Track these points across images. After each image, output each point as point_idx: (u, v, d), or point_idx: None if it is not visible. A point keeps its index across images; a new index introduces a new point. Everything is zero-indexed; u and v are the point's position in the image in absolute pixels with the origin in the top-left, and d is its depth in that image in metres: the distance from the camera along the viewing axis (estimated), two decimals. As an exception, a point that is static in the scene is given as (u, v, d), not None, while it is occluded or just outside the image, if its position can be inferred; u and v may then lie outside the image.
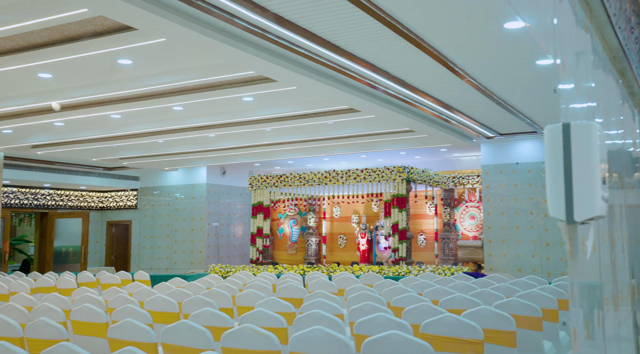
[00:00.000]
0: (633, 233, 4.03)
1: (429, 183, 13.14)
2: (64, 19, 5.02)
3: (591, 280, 2.33)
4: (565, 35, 2.10)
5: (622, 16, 3.06)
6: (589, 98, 2.50)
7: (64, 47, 5.70)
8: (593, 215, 1.98)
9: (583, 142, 2.00)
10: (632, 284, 3.42)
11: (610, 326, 2.66)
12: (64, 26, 5.27)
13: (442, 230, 14.42)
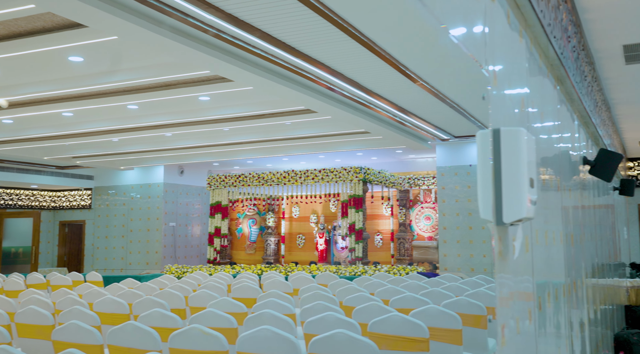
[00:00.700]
0: (579, 233, 4.20)
1: (385, 184, 13.31)
2: (10, 14, 4.91)
3: (523, 278, 2.43)
4: (497, 43, 2.19)
5: (558, 26, 3.19)
6: (523, 104, 2.60)
7: (11, 43, 5.56)
8: (521, 217, 2.07)
9: (512, 146, 2.08)
10: (567, 282, 3.56)
11: (543, 323, 2.77)
12: (11, 22, 5.15)
13: (398, 231, 14.61)
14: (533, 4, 2.50)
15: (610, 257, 8.10)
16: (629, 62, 5.21)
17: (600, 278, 6.18)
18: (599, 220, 6.93)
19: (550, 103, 3.39)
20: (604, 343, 5.57)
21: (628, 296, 9.52)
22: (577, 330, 3.83)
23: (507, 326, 2.13)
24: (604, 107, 6.26)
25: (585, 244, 4.96)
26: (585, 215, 5.26)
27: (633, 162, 12.22)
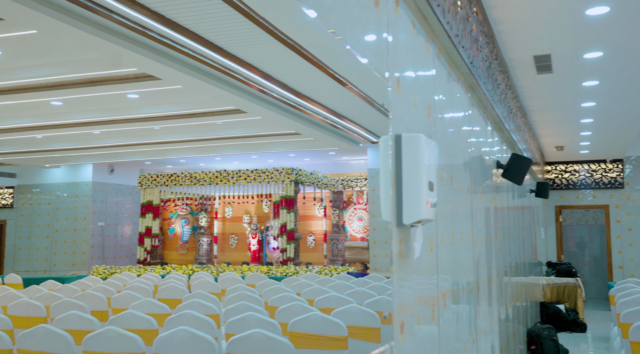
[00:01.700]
0: (492, 233, 4.42)
1: (318, 186, 13.45)
2: None
3: (427, 277, 2.55)
4: (401, 52, 2.29)
5: (468, 36, 3.36)
6: (430, 110, 2.73)
7: None
8: (420, 218, 2.18)
9: (412, 151, 2.19)
10: (478, 280, 3.74)
11: (449, 319, 2.91)
12: None
13: (331, 231, 14.79)
14: (439, 16, 2.63)
15: (528, 256, 8.52)
16: (540, 72, 5.52)
17: (517, 276, 6.50)
18: (517, 221, 7.29)
19: (462, 109, 3.56)
20: (516, 338, 5.87)
21: (544, 294, 10.04)
22: (486, 326, 4.03)
23: (407, 324, 2.24)
24: (519, 114, 6.59)
25: (500, 244, 5.22)
26: (500, 216, 5.53)
27: (550, 166, 12.88)
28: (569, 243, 13.17)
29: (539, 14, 4.15)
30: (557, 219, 12.98)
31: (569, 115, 7.62)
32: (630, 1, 3.92)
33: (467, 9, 3.35)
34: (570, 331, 9.03)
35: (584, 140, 9.83)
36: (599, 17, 4.17)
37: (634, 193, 12.15)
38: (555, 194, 12.92)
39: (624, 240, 12.16)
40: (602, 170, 12.43)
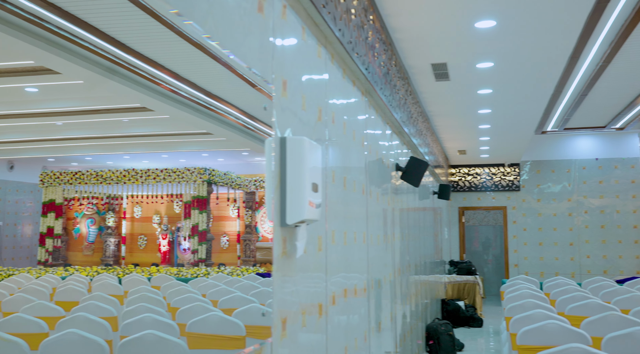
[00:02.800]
0: (390, 233, 4.58)
1: (231, 186, 13.40)
2: None
3: (314, 275, 2.63)
4: (289, 57, 2.36)
5: (363, 44, 3.48)
6: (321, 114, 2.82)
7: None
8: (302, 219, 2.25)
9: (296, 153, 2.27)
10: (373, 278, 3.89)
11: (339, 316, 3.01)
12: None
13: (244, 232, 14.79)
14: (329, 23, 2.72)
15: (431, 255, 8.90)
16: (438, 79, 5.80)
17: (418, 274, 6.78)
18: (420, 222, 7.60)
19: (358, 113, 3.69)
20: (413, 333, 6.12)
21: (445, 291, 10.52)
22: (381, 323, 4.19)
23: (290, 321, 2.31)
24: (421, 118, 6.88)
25: (400, 243, 5.43)
26: (402, 217, 5.75)
27: (455, 169, 13.51)
28: (473, 243, 13.85)
29: (433, 24, 4.36)
30: (460, 220, 13.62)
31: (467, 120, 8.04)
32: (514, 16, 4.21)
33: (362, 17, 3.48)
34: (468, 326, 9.51)
35: (483, 145, 10.39)
36: (487, 30, 4.45)
37: (529, 195, 12.98)
38: (458, 196, 13.56)
39: (519, 239, 12.96)
40: (501, 174, 13.18)
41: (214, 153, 11.67)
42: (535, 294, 5.65)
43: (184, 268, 11.68)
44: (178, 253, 12.96)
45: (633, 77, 7.75)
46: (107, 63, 6.04)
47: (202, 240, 12.71)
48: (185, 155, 11.40)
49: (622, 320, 3.95)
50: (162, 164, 11.33)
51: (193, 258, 12.14)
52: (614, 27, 5.78)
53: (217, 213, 13.73)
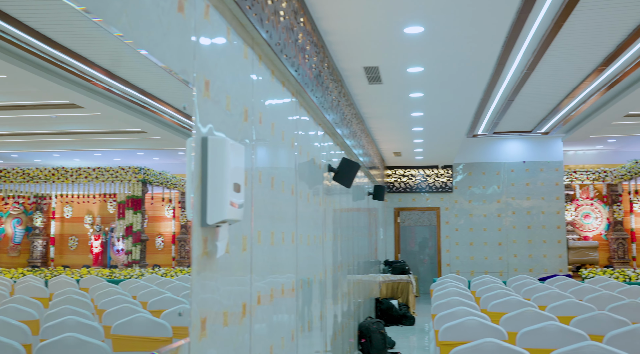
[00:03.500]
0: (320, 233, 4.63)
1: (167, 186, 13.15)
2: None
3: (237, 275, 2.63)
4: (213, 57, 2.36)
5: (292, 45, 3.52)
6: (247, 115, 2.83)
7: None
8: (223, 219, 2.26)
9: (218, 154, 2.27)
10: (320, 276, 3.92)
11: (263, 315, 3.02)
12: None
13: (180, 233, 14.53)
14: (256, 25, 2.74)
15: (366, 255, 9.04)
16: (371, 82, 5.92)
17: (352, 274, 6.88)
18: (356, 222, 7.71)
19: (288, 115, 3.71)
20: (345, 332, 6.21)
21: (380, 290, 10.71)
22: (310, 322, 4.24)
23: (210, 321, 2.31)
24: (355, 120, 6.99)
25: (333, 243, 5.49)
26: (336, 217, 5.82)
27: (391, 170, 13.78)
28: (410, 243, 14.15)
29: (364, 28, 4.45)
30: (395, 220, 13.90)
31: (401, 123, 8.23)
32: (441, 23, 4.36)
33: (291, 19, 3.51)
34: (401, 324, 9.73)
35: (417, 147, 10.65)
36: (416, 36, 4.58)
37: (461, 196, 13.40)
38: (394, 197, 13.84)
39: (451, 239, 13.36)
40: (435, 175, 13.55)
41: (150, 152, 11.39)
42: (462, 292, 5.85)
43: (117, 269, 11.39)
44: (111, 254, 12.62)
45: (555, 84, 8.15)
46: (32, 57, 5.81)
47: (136, 241, 12.41)
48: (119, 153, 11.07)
49: (537, 316, 4.15)
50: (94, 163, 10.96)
51: (127, 259, 11.82)
52: (536, 37, 6.07)
53: (152, 214, 13.41)
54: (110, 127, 9.66)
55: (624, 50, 6.45)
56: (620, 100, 8.42)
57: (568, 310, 4.74)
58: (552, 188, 12.97)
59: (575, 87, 8.22)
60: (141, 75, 6.77)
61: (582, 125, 10.75)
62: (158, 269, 12.20)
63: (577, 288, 6.24)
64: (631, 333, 3.37)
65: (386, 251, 13.67)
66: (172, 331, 4.04)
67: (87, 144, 10.46)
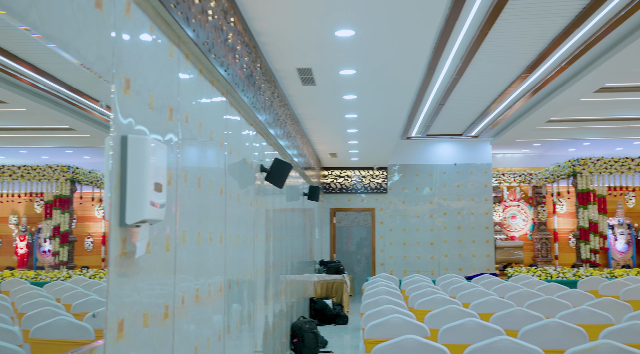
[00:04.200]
0: (251, 234, 4.62)
1: (97, 185, 12.75)
2: None
3: (159, 276, 2.61)
4: (135, 55, 2.32)
5: (222, 45, 3.51)
6: (172, 114, 2.80)
7: None
8: (143, 218, 2.23)
9: (138, 153, 2.24)
10: (250, 276, 3.91)
11: (187, 316, 3.00)
12: None
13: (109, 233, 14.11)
14: (181, 24, 2.72)
15: (301, 255, 9.09)
16: (304, 83, 5.96)
17: (286, 274, 6.91)
18: (290, 222, 7.73)
19: (217, 114, 3.70)
20: (277, 332, 6.22)
21: (315, 290, 10.78)
22: (238, 322, 4.23)
23: (129, 322, 2.27)
24: (290, 121, 7.02)
25: (265, 243, 5.50)
26: (269, 217, 5.83)
27: (327, 171, 13.91)
28: (347, 243, 14.31)
29: (296, 30, 4.49)
30: (331, 220, 14.03)
31: (336, 124, 8.33)
32: (371, 27, 4.45)
33: (221, 19, 3.50)
34: (334, 324, 9.84)
35: (352, 149, 10.80)
36: (347, 39, 4.66)
37: (395, 197, 13.69)
38: (330, 197, 13.97)
39: (385, 239, 13.62)
40: (370, 176, 13.78)
41: (79, 150, 11.04)
42: (391, 291, 5.99)
43: (44, 271, 10.99)
44: (38, 255, 12.13)
45: (482, 90, 8.47)
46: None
47: (64, 242, 12.02)
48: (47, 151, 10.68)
49: (460, 313, 4.31)
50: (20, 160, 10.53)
51: (54, 261, 11.43)
52: (464, 43, 6.29)
53: (81, 213, 13.05)
54: (36, 123, 9.34)
55: (544, 59, 6.79)
56: (542, 106, 8.85)
57: (489, 307, 4.94)
58: (481, 190, 13.45)
59: (501, 93, 8.57)
60: (64, 71, 6.59)
61: (508, 130, 11.22)
62: (86, 271, 11.88)
63: (500, 285, 6.51)
64: (543, 327, 3.56)
65: (322, 251, 13.79)
66: (94, 334, 3.94)
67: (12, 141, 10.06)
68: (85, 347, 2.03)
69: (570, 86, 7.64)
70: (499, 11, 5.30)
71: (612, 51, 6.41)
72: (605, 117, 10.94)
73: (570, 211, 15.26)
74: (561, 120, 11.04)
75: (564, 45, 6.36)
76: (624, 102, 9.78)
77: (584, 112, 10.49)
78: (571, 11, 5.50)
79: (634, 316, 4.28)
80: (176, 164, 2.86)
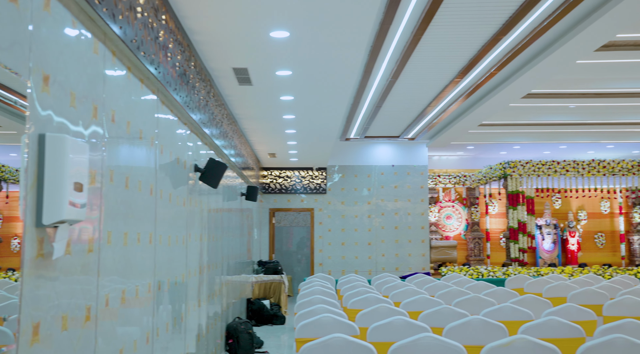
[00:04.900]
0: (184, 234, 4.56)
1: (26, 183, 12.24)
2: None
3: (79, 278, 2.54)
4: (53, 50, 2.26)
5: (152, 43, 3.45)
6: (97, 111, 2.74)
7: None
8: (62, 219, 2.18)
9: (56, 152, 2.18)
10: (182, 277, 3.85)
11: (111, 320, 2.94)
12: None
13: (41, 233, 13.59)
14: (107, 21, 2.66)
15: (238, 255, 9.03)
16: (241, 83, 5.94)
17: (222, 275, 6.85)
18: (227, 223, 7.67)
19: (147, 113, 3.63)
20: (210, 333, 6.17)
21: (252, 290, 10.75)
22: (168, 324, 4.17)
23: (45, 326, 2.21)
24: (227, 121, 6.97)
25: (199, 244, 5.44)
26: (204, 217, 5.76)
27: (267, 171, 13.89)
28: (288, 243, 14.32)
29: (231, 30, 4.47)
30: (270, 221, 14.02)
31: (274, 125, 8.33)
32: (306, 29, 4.49)
33: (151, 16, 3.44)
34: (272, 324, 9.83)
35: (291, 149, 10.83)
36: (282, 40, 4.68)
37: (334, 198, 13.82)
38: (270, 197, 13.95)
39: (324, 239, 13.73)
40: (309, 177, 13.85)
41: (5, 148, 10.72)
42: (326, 290, 6.05)
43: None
44: (-41, 258, 11.07)
45: (418, 93, 8.69)
46: None
47: (-13, 243, 10.99)
48: (-27, 148, 9.68)
49: (390, 311, 4.41)
50: (-58, 158, 9.48)
51: (-24, 263, 10.47)
52: (398, 47, 6.44)
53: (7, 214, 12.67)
54: (-43, 118, 8.60)
55: (475, 64, 7.04)
56: (474, 110, 9.16)
57: (419, 305, 5.08)
58: (417, 191, 13.77)
59: (435, 96, 8.82)
60: None
61: (443, 132, 11.54)
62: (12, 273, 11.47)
63: (431, 284, 6.69)
64: (466, 324, 3.69)
65: (261, 252, 13.75)
66: (14, 339, 3.79)
67: None
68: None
69: (499, 91, 7.95)
70: (431, 17, 5.46)
71: (537, 59, 6.72)
72: (533, 121, 11.44)
73: (502, 212, 15.85)
74: (492, 124, 11.46)
75: (492, 52, 6.62)
76: (549, 107, 10.26)
77: (513, 116, 10.93)
78: (498, 19, 5.73)
79: (552, 312, 4.51)
80: (101, 163, 2.80)
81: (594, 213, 16.52)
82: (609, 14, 5.23)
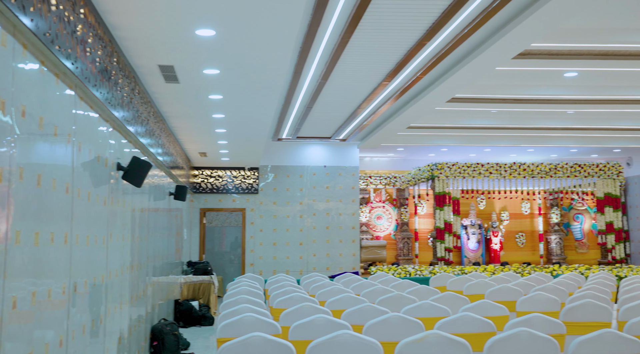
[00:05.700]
0: (104, 234, 4.43)
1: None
2: None
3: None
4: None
5: (68, 37, 3.35)
6: (5, 107, 2.63)
7: None
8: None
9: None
10: (100, 279, 3.74)
11: (18, 323, 2.83)
12: None
13: None
14: (16, 12, 2.57)
15: (166, 256, 8.86)
16: (167, 81, 5.84)
17: (147, 275, 6.70)
18: (154, 223, 7.51)
19: (63, 109, 3.52)
20: (133, 336, 6.03)
21: (181, 291, 10.57)
22: (85, 326, 4.05)
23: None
24: (153, 119, 6.83)
25: (121, 244, 5.30)
26: (129, 217, 5.62)
27: (198, 171, 13.70)
28: (220, 243, 14.14)
29: (156, 26, 4.39)
30: (201, 221, 13.83)
31: (203, 124, 8.23)
32: (232, 28, 4.47)
33: (68, 9, 3.34)
34: (200, 325, 9.71)
35: (222, 149, 10.73)
36: (208, 39, 4.64)
37: (266, 198, 13.80)
38: (200, 197, 13.77)
39: (256, 239, 13.69)
40: (241, 177, 13.77)
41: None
42: (253, 291, 6.04)
43: None
44: None
45: (348, 95, 8.82)
46: None
47: None
48: None
49: (313, 310, 4.46)
50: None
51: None
52: (327, 49, 6.52)
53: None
54: None
55: (402, 68, 7.23)
56: (402, 112, 9.39)
57: (344, 304, 5.16)
58: (349, 192, 13.96)
59: (365, 98, 8.98)
60: None
61: (373, 134, 11.76)
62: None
63: (358, 283, 6.81)
64: (385, 321, 3.79)
65: (191, 252, 13.54)
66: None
67: None
68: None
69: (425, 95, 8.19)
70: (358, 21, 5.56)
71: (459, 64, 6.98)
72: (459, 125, 11.85)
73: (430, 213, 16.32)
74: (420, 126, 11.79)
75: (418, 56, 6.82)
76: (473, 111, 10.67)
77: (440, 119, 11.29)
78: (422, 26, 5.91)
79: (468, 308, 4.70)
80: (9, 160, 2.69)
81: (516, 213, 17.30)
82: (523, 24, 5.51)
